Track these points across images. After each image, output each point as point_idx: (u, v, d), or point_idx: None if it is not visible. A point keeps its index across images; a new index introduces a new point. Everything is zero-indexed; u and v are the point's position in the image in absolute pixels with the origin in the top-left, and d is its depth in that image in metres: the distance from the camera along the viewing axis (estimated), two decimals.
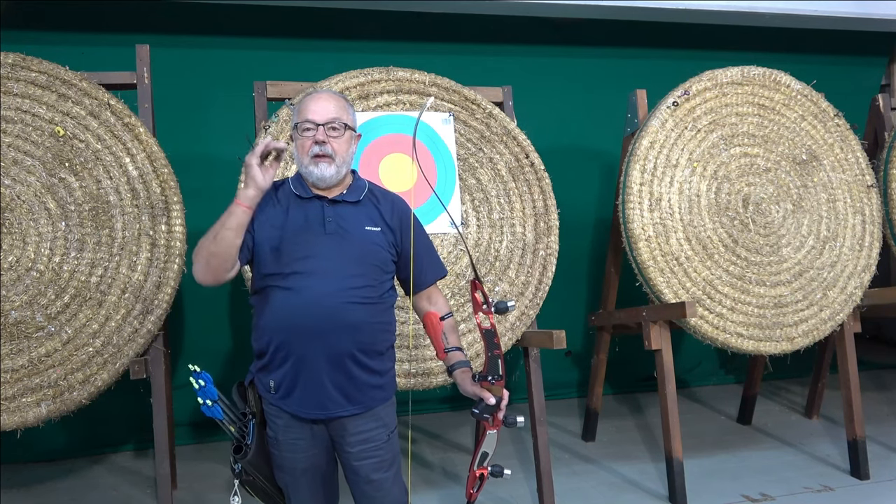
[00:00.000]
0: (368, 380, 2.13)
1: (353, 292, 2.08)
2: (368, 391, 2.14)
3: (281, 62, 4.19)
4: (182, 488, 3.67)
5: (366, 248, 2.13)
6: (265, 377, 2.15)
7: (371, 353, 2.13)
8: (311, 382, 2.08)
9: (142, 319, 2.99)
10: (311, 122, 2.11)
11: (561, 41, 4.74)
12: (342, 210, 2.15)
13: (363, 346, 2.11)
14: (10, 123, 2.97)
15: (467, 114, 3.49)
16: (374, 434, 2.16)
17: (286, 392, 2.11)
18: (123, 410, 3.91)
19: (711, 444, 4.30)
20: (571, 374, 5.22)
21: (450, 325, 2.24)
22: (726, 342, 3.53)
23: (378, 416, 2.17)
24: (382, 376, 2.18)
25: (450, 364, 2.19)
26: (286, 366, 2.09)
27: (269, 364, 2.13)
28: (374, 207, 2.21)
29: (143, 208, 3.05)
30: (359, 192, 2.21)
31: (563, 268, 3.51)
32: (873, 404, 4.85)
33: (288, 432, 2.15)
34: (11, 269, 2.90)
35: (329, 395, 2.09)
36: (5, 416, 2.81)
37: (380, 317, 2.15)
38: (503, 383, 2.07)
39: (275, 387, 2.13)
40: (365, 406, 2.14)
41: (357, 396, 2.11)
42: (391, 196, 2.29)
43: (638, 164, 3.54)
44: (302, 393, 2.10)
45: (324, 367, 2.07)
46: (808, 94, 3.92)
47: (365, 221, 2.16)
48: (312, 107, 2.13)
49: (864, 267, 3.85)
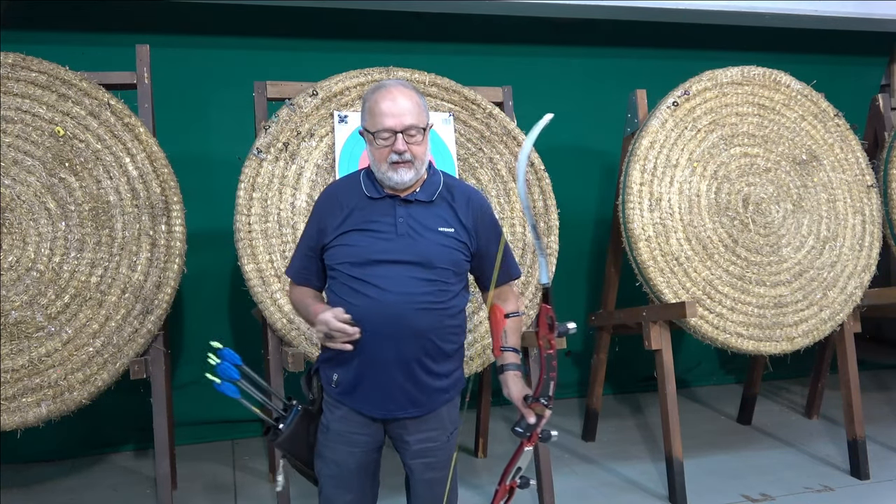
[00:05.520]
0: (433, 383, 2.09)
1: (423, 297, 2.03)
2: (433, 394, 2.10)
3: (281, 62, 4.19)
4: (182, 488, 3.67)
5: (437, 251, 2.06)
6: (329, 370, 2.13)
7: (438, 357, 2.09)
8: (376, 384, 2.05)
9: (142, 319, 2.99)
10: (389, 130, 2.01)
11: (561, 41, 4.74)
12: (414, 210, 2.08)
13: (430, 351, 2.06)
14: (10, 123, 2.97)
15: (467, 114, 3.49)
16: (433, 434, 2.14)
17: (349, 389, 2.09)
18: (123, 410, 3.91)
19: (711, 444, 4.30)
20: (571, 374, 5.21)
21: (513, 325, 2.17)
22: (726, 342, 3.53)
23: (440, 418, 2.14)
24: (448, 378, 2.14)
25: (503, 363, 2.13)
26: (351, 364, 2.06)
27: (334, 359, 2.10)
28: (448, 206, 2.12)
29: (143, 208, 3.05)
30: (433, 189, 2.12)
31: (563, 268, 3.51)
32: (873, 404, 4.85)
33: (343, 423, 2.11)
34: (11, 269, 2.90)
35: (393, 397, 2.06)
36: (5, 416, 2.81)
37: (448, 321, 2.09)
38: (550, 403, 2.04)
39: (337, 382, 2.10)
40: (428, 409, 2.11)
41: (421, 399, 2.08)
42: (467, 191, 2.20)
43: (638, 164, 3.54)
44: (366, 393, 2.07)
45: (389, 371, 2.04)
46: (808, 94, 3.92)
47: (438, 222, 2.09)
48: (387, 110, 2.00)
49: (864, 267, 3.85)
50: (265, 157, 3.14)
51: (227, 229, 3.10)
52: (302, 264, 2.18)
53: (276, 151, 3.16)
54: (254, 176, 3.11)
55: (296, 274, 2.19)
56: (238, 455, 4.17)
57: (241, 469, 3.97)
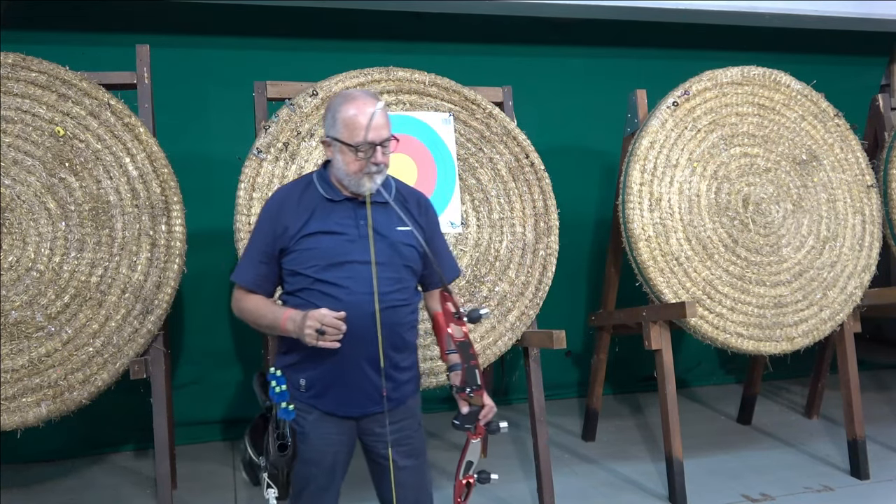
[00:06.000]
0: (400, 377, 2.19)
1: (390, 295, 2.10)
2: (401, 387, 2.19)
3: (281, 62, 4.19)
4: (182, 488, 3.67)
5: (399, 249, 2.14)
6: (294, 375, 2.14)
7: (403, 351, 2.19)
8: (349, 383, 2.11)
9: (142, 319, 2.99)
10: (370, 143, 2.04)
11: (561, 41, 4.74)
12: (373, 211, 2.12)
13: (398, 346, 2.15)
14: (10, 123, 2.97)
15: (467, 114, 3.49)
16: (406, 423, 2.22)
17: (320, 392, 2.13)
18: (123, 410, 3.90)
19: (711, 444, 4.30)
20: (571, 374, 5.21)
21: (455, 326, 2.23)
22: (726, 342, 3.53)
23: (409, 408, 2.23)
24: (411, 371, 2.24)
25: (449, 364, 2.21)
26: (321, 366, 2.10)
27: (300, 363, 2.13)
28: (402, 207, 2.19)
29: (143, 208, 3.05)
30: (388, 191, 2.17)
31: (563, 268, 3.51)
32: (873, 404, 4.85)
33: (318, 427, 2.15)
34: (11, 269, 2.90)
35: (367, 394, 2.12)
36: (5, 416, 2.81)
37: (410, 316, 2.20)
38: (482, 392, 2.09)
39: (306, 385, 2.13)
40: (398, 402, 2.19)
41: (392, 394, 2.15)
42: (416, 193, 2.31)
43: (638, 164, 3.54)
44: (338, 393, 2.12)
45: (362, 369, 2.09)
46: (808, 94, 3.92)
47: (396, 221, 2.15)
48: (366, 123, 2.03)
49: (864, 267, 3.85)
50: (265, 157, 3.14)
51: (227, 229, 3.10)
52: (257, 271, 2.18)
53: (276, 151, 3.16)
54: (254, 176, 3.11)
55: (251, 282, 2.19)
56: (238, 455, 4.17)
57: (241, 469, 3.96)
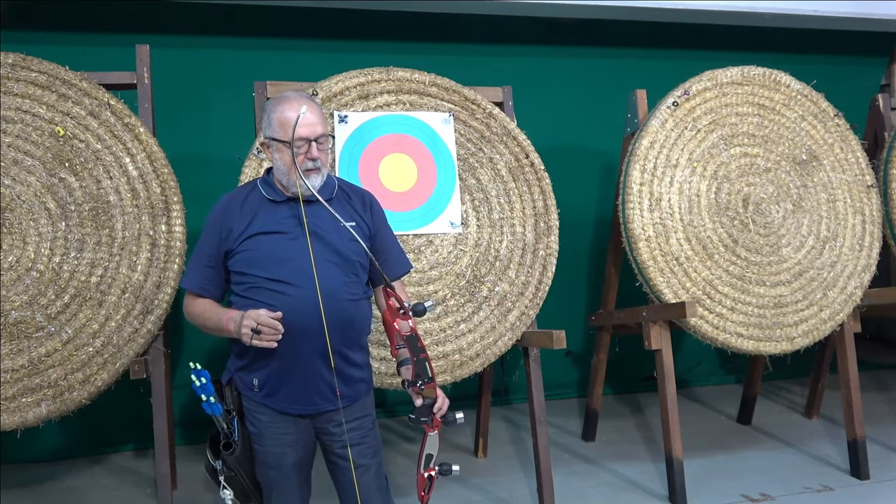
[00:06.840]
0: (354, 373, 2.21)
1: (339, 290, 2.13)
2: (355, 384, 2.22)
3: (281, 62, 4.19)
4: (182, 488, 3.67)
5: (345, 245, 2.18)
6: (247, 376, 2.19)
7: (355, 348, 2.21)
8: (301, 380, 2.13)
9: (142, 319, 2.99)
10: (304, 139, 2.12)
11: (561, 41, 4.74)
12: (317, 209, 2.17)
13: (350, 341, 2.17)
14: (10, 123, 2.97)
15: (467, 114, 3.49)
16: (361, 422, 2.24)
17: (272, 390, 2.15)
18: (123, 410, 3.90)
19: (711, 444, 4.30)
20: (571, 374, 5.21)
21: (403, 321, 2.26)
22: (726, 342, 3.53)
23: (364, 406, 2.25)
24: (363, 369, 2.27)
25: (399, 360, 2.22)
26: (272, 365, 2.13)
27: (252, 363, 2.16)
28: (346, 203, 2.26)
29: (143, 208, 3.05)
30: (330, 189, 2.24)
31: (563, 268, 3.51)
32: (873, 404, 4.85)
33: (273, 427, 2.18)
34: (11, 269, 2.90)
35: (319, 391, 2.15)
36: (5, 416, 2.81)
37: (362, 311, 2.22)
38: (434, 385, 2.11)
39: (259, 385, 2.16)
40: (352, 399, 2.21)
41: (345, 391, 2.17)
42: (360, 190, 2.38)
43: (638, 164, 3.54)
44: (290, 391, 2.14)
45: (313, 366, 2.12)
46: (808, 94, 3.92)
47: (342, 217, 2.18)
48: (299, 120, 2.10)
49: (864, 267, 3.85)
50: (265, 158, 3.14)
51: None
52: (204, 276, 2.22)
53: None
54: (254, 176, 3.11)
55: (198, 286, 2.23)
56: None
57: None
